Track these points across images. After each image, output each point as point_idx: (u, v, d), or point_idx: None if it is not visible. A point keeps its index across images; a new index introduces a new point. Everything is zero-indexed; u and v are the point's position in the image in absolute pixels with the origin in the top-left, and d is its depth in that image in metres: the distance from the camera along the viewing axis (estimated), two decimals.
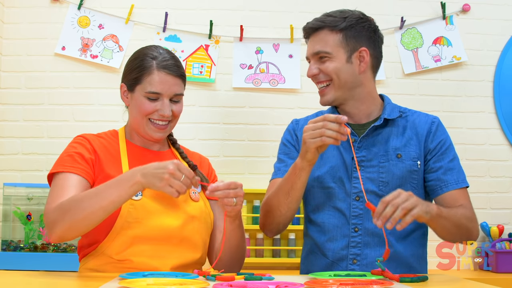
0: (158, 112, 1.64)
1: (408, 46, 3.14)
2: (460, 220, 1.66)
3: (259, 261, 2.92)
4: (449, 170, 1.74)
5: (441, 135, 1.79)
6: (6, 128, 3.00)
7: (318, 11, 3.07)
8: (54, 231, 1.50)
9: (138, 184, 1.44)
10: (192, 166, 1.73)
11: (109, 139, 1.70)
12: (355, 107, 1.78)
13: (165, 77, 1.63)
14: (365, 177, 1.73)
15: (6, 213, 2.87)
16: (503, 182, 3.11)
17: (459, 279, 1.58)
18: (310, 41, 1.80)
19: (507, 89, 3.15)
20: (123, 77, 1.71)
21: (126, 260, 1.55)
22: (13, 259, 2.68)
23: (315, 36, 1.78)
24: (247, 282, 1.32)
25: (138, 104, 1.65)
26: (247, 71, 3.09)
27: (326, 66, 1.75)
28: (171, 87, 1.64)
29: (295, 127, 1.89)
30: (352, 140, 1.76)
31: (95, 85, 3.04)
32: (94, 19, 3.05)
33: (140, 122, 1.66)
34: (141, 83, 1.64)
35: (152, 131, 1.66)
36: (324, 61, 1.76)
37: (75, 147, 1.63)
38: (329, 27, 1.76)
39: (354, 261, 1.72)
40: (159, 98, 1.64)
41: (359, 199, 1.73)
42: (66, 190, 1.54)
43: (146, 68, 1.63)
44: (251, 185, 2.99)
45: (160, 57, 1.65)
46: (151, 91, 1.62)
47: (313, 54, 1.78)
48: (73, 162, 1.59)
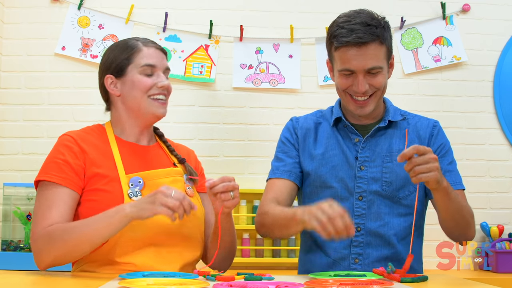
0: (157, 84, 1.64)
1: (408, 46, 3.13)
2: (463, 210, 1.66)
3: (259, 261, 2.92)
4: (447, 172, 1.75)
5: (441, 138, 1.81)
6: (6, 128, 3.00)
7: (318, 11, 3.10)
8: (42, 259, 1.50)
9: (126, 216, 1.44)
10: (180, 159, 1.73)
11: (97, 135, 1.66)
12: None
13: (154, 51, 1.67)
14: (369, 177, 1.74)
15: (6, 213, 2.87)
16: (503, 182, 3.11)
17: (459, 279, 1.59)
18: (357, 54, 1.65)
19: (507, 89, 3.15)
20: (105, 70, 1.68)
21: (129, 263, 1.54)
22: (13, 259, 2.67)
23: (366, 50, 1.65)
24: (247, 282, 1.32)
25: (135, 83, 1.64)
26: (247, 71, 3.09)
27: (379, 81, 1.69)
28: (162, 61, 1.68)
29: (294, 125, 1.87)
30: (357, 140, 1.77)
31: (95, 85, 2.98)
32: (94, 19, 3.06)
33: (141, 102, 1.64)
34: (133, 62, 1.64)
35: (155, 107, 1.65)
36: (376, 76, 1.68)
37: (62, 152, 1.58)
38: (379, 40, 1.66)
39: (356, 261, 1.72)
40: (154, 74, 1.65)
41: (362, 198, 1.73)
42: (53, 209, 1.51)
43: (134, 47, 1.66)
44: (251, 185, 2.99)
45: (140, 39, 1.70)
46: (147, 64, 1.64)
47: (366, 70, 1.66)
48: (59, 171, 1.55)
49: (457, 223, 1.66)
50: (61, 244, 1.46)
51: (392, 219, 1.73)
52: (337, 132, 1.81)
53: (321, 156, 1.78)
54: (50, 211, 1.51)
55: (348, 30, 1.65)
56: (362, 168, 1.74)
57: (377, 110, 1.80)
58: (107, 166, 1.59)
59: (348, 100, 1.73)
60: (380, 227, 1.72)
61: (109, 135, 1.67)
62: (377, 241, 1.72)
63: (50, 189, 1.54)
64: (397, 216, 1.73)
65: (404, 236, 1.73)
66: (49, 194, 1.53)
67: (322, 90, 3.08)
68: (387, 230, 1.72)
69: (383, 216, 1.73)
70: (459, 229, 1.67)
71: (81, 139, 1.62)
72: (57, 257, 1.48)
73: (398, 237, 1.73)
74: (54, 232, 1.47)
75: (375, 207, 1.73)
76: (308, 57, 3.07)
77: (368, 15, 1.70)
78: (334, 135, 1.80)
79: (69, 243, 1.46)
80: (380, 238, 1.72)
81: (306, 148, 1.82)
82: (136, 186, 1.57)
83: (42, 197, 1.54)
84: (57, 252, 1.47)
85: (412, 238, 1.56)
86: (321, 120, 1.87)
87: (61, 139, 1.63)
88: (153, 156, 1.69)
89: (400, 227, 1.73)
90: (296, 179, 1.80)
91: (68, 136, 1.63)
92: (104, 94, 1.72)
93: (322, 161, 1.77)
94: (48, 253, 1.47)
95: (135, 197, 1.55)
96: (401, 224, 1.73)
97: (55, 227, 1.48)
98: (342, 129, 1.81)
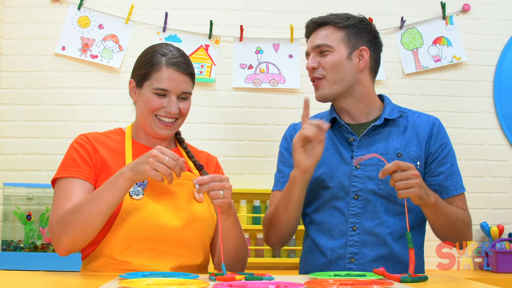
0: (165, 109, 1.63)
1: (408, 46, 3.14)
2: (456, 221, 1.69)
3: (259, 261, 2.92)
4: (450, 176, 1.75)
5: (442, 138, 1.79)
6: (6, 128, 3.00)
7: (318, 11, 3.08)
8: (60, 245, 1.51)
9: (127, 179, 1.46)
10: (198, 166, 1.72)
11: (114, 137, 1.69)
12: (352, 104, 1.79)
13: (174, 74, 1.62)
14: (364, 175, 1.74)
15: (6, 213, 2.87)
16: (503, 182, 3.11)
17: (459, 279, 1.58)
18: (312, 36, 1.81)
19: (507, 89, 3.15)
20: (132, 73, 1.70)
21: (126, 262, 1.54)
22: (13, 259, 2.68)
23: (318, 31, 1.79)
24: (247, 282, 1.32)
25: (145, 100, 1.64)
26: (247, 71, 3.09)
27: (326, 60, 1.76)
28: (179, 85, 1.63)
29: (292, 132, 1.89)
30: (352, 139, 1.77)
31: (95, 85, 3.04)
32: (94, 19, 3.06)
33: (146, 118, 1.65)
34: (149, 79, 1.63)
35: (158, 128, 1.65)
36: (325, 55, 1.77)
37: (77, 149, 1.62)
38: (333, 24, 1.78)
39: (352, 260, 1.72)
40: (166, 95, 1.63)
41: (358, 197, 1.73)
42: (68, 198, 1.54)
43: (155, 65, 1.63)
44: (251, 185, 2.99)
45: (169, 54, 1.65)
46: (159, 88, 1.62)
47: (314, 47, 1.78)
48: (75, 166, 1.59)
49: (448, 233, 1.69)
50: (74, 223, 1.47)
51: (388, 218, 1.73)
52: (332, 133, 1.82)
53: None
54: (65, 200, 1.54)
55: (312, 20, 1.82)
56: (357, 167, 1.75)
57: (372, 108, 1.81)
58: (116, 165, 1.60)
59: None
60: (376, 226, 1.72)
61: (127, 137, 1.70)
62: (373, 240, 1.72)
63: (65, 182, 1.57)
64: (393, 215, 1.73)
65: (400, 236, 1.73)
66: (64, 186, 1.57)
67: None
68: (383, 229, 1.72)
69: (379, 215, 1.73)
70: (452, 238, 1.67)
71: (94, 139, 1.66)
72: (74, 238, 1.49)
73: (393, 236, 1.73)
74: (65, 215, 1.50)
75: (371, 206, 1.73)
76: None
77: (345, 13, 1.82)
78: (330, 137, 1.81)
79: (81, 221, 1.47)
80: (376, 237, 1.72)
81: None
82: (140, 185, 1.57)
83: (58, 190, 1.58)
84: (73, 233, 1.48)
85: (407, 222, 1.56)
86: None
87: (77, 138, 1.66)
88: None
89: (396, 226, 1.73)
90: None
91: (83, 136, 1.67)
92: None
93: (319, 163, 1.77)
94: (66, 236, 1.48)
95: (136, 196, 1.56)
96: (397, 223, 1.73)
97: (65, 211, 1.51)
98: (337, 129, 1.82)
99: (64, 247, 1.51)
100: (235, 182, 2.90)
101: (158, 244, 1.56)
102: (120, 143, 1.68)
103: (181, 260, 1.59)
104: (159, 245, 1.56)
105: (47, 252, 2.73)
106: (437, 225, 1.69)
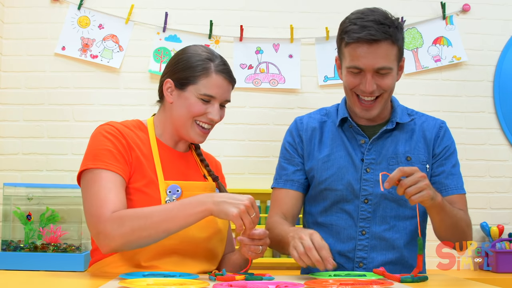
0: (207, 115, 1.61)
1: (408, 46, 3.13)
2: (459, 221, 1.67)
3: (259, 261, 2.91)
4: (450, 175, 1.74)
5: (447, 140, 1.78)
6: (6, 128, 3.00)
7: (318, 11, 3.10)
8: (109, 243, 1.44)
9: (207, 211, 1.42)
10: (214, 177, 1.72)
11: (139, 134, 1.63)
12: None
13: (222, 82, 1.61)
14: (375, 179, 1.71)
15: (6, 213, 2.87)
16: (503, 182, 3.11)
17: (459, 279, 1.58)
18: (366, 52, 1.60)
19: (507, 89, 3.15)
20: (170, 73, 1.63)
21: (153, 266, 1.53)
22: (13, 259, 2.67)
23: (377, 48, 1.60)
24: (247, 282, 1.32)
25: (188, 104, 1.60)
26: (247, 71, 3.09)
27: (387, 83, 1.64)
28: (225, 93, 1.62)
29: (298, 127, 1.84)
30: (363, 141, 1.75)
31: (95, 85, 3.04)
32: (94, 19, 3.05)
33: (185, 122, 1.61)
34: (196, 84, 1.59)
35: (195, 133, 1.63)
36: (384, 76, 1.64)
37: (111, 141, 1.54)
38: (391, 40, 1.62)
39: (361, 264, 1.71)
40: (210, 101, 1.61)
41: (367, 201, 1.71)
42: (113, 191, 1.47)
43: (204, 70, 1.59)
44: (251, 185, 2.99)
45: (216, 60, 1.62)
46: (206, 94, 1.59)
47: (375, 69, 1.62)
48: (113, 159, 1.51)
49: (452, 234, 1.66)
50: (136, 230, 1.42)
51: (398, 223, 1.71)
52: (342, 132, 1.78)
53: (326, 159, 1.76)
54: (112, 194, 1.47)
55: (360, 26, 1.61)
56: (368, 170, 1.72)
57: (384, 111, 1.76)
58: (148, 167, 1.57)
59: (355, 101, 1.69)
60: (385, 231, 1.71)
61: (151, 135, 1.64)
62: (382, 245, 1.70)
63: (107, 175, 1.49)
64: (403, 219, 1.72)
65: (409, 240, 1.72)
66: (107, 178, 1.49)
67: (322, 90, 3.08)
68: (392, 233, 1.71)
69: (388, 220, 1.71)
70: (454, 239, 1.66)
71: (126, 133, 1.58)
72: (128, 242, 1.43)
73: (403, 241, 1.71)
74: (126, 216, 1.44)
75: (380, 211, 1.71)
76: (308, 57, 3.07)
77: (382, 14, 1.66)
78: (339, 136, 1.77)
79: (144, 231, 1.42)
80: (385, 242, 1.70)
81: (311, 150, 1.80)
82: (173, 194, 1.56)
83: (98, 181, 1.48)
84: (129, 238, 1.43)
85: (419, 228, 1.55)
86: (326, 119, 1.83)
87: (103, 128, 1.57)
88: (188, 164, 1.69)
89: (406, 230, 1.72)
90: (300, 187, 1.79)
91: (112, 127, 1.58)
92: (160, 91, 1.68)
93: (327, 163, 1.75)
94: (121, 237, 1.42)
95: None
96: (407, 227, 1.72)
97: (126, 213, 1.45)
98: (347, 129, 1.78)
99: (113, 247, 1.45)
100: (235, 182, 2.90)
101: (187, 255, 1.57)
102: (146, 142, 1.62)
103: (204, 268, 1.60)
104: (187, 256, 1.57)
105: (47, 252, 2.73)
106: (442, 227, 1.65)
